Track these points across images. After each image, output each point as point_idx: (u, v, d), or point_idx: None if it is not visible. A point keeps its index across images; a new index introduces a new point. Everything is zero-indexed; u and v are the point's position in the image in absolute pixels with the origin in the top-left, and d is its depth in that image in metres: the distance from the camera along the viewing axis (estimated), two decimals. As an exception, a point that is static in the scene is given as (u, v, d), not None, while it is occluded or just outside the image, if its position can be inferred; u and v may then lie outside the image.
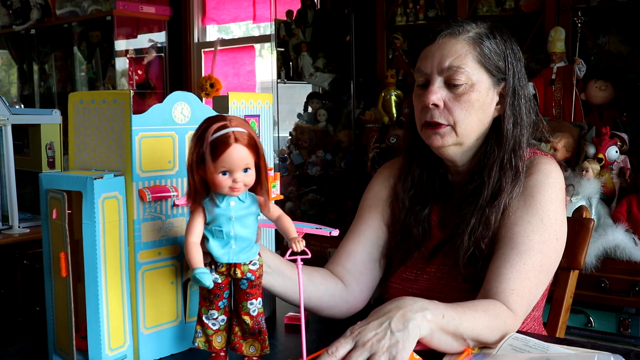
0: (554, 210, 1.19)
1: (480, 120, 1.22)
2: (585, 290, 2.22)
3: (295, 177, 3.77)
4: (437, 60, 1.21)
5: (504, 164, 1.21)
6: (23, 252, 2.39)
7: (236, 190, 0.93)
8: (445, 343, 0.99)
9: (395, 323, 0.93)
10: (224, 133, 0.90)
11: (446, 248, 1.27)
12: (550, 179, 1.21)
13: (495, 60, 1.22)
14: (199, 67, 4.62)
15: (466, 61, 1.20)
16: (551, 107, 2.80)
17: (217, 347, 1.00)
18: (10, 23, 5.24)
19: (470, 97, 1.20)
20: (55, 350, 1.04)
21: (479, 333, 1.02)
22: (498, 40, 1.23)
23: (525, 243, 1.15)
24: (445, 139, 1.21)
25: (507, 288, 1.12)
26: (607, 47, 2.83)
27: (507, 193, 1.20)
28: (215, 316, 1.00)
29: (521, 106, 1.23)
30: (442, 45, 1.21)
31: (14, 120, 2.35)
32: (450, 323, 0.98)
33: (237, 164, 0.91)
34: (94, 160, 1.04)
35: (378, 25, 3.31)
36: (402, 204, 1.32)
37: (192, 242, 0.94)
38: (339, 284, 1.29)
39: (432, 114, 1.21)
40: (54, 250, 1.01)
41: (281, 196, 1.25)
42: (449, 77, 1.20)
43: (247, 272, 0.97)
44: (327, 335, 1.17)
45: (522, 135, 1.23)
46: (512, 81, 1.23)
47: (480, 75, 1.21)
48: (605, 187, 2.36)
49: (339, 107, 3.68)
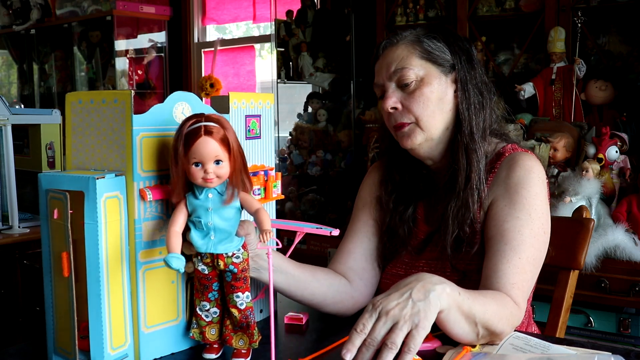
0: (540, 204, 1.23)
1: (441, 110, 1.27)
2: (585, 290, 2.22)
3: (295, 177, 3.77)
4: (385, 69, 1.28)
5: (468, 147, 1.26)
6: (23, 252, 2.39)
7: (209, 181, 0.98)
8: (459, 324, 1.02)
9: (416, 293, 0.96)
10: (196, 126, 0.97)
11: (433, 242, 1.31)
12: (532, 174, 1.24)
13: (438, 52, 1.27)
14: (199, 67, 4.62)
15: (410, 60, 1.26)
16: (551, 107, 2.80)
17: (211, 339, 1.06)
18: (10, 23, 5.24)
19: (422, 91, 1.25)
20: (56, 350, 1.04)
21: (489, 319, 1.04)
22: (437, 36, 1.29)
23: (517, 238, 1.19)
24: (413, 138, 1.26)
25: (508, 282, 1.15)
26: (607, 47, 2.84)
27: (476, 174, 1.24)
28: (207, 308, 1.05)
29: (473, 89, 1.28)
30: (386, 56, 1.29)
31: (14, 120, 2.36)
32: (464, 302, 1.01)
33: (207, 155, 0.96)
34: (92, 160, 1.04)
35: (378, 25, 3.31)
36: (386, 206, 1.36)
37: (172, 231, 0.99)
38: (343, 280, 1.32)
39: (395, 117, 1.27)
40: (54, 250, 1.01)
41: (282, 196, 1.25)
42: (399, 80, 1.26)
43: (230, 264, 1.02)
44: (327, 335, 1.17)
45: (479, 117, 1.27)
46: (460, 65, 1.28)
47: (427, 68, 1.26)
48: (605, 187, 2.36)
49: (339, 107, 3.68)
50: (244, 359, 1.03)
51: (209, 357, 1.06)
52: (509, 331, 1.10)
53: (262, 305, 1.26)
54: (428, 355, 1.04)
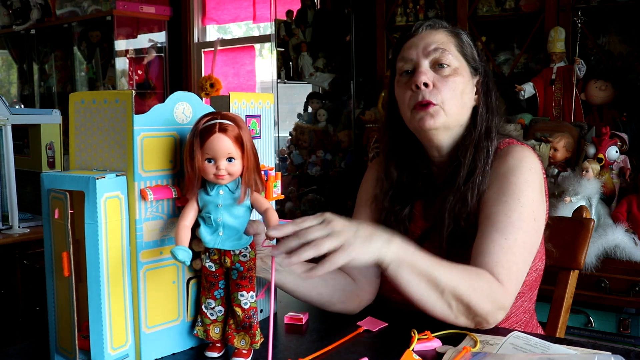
0: (530, 191, 1.23)
1: (464, 105, 1.29)
2: (585, 290, 2.22)
3: (295, 177, 3.77)
4: (422, 47, 1.28)
5: (478, 145, 1.28)
6: (23, 252, 2.39)
7: (220, 177, 0.99)
8: (418, 286, 1.05)
9: (362, 230, 1.01)
10: (211, 123, 0.98)
11: (430, 238, 1.32)
12: (523, 163, 1.25)
13: (472, 51, 1.32)
14: (199, 67, 4.62)
15: (450, 47, 1.29)
16: (551, 107, 2.80)
17: (214, 337, 1.06)
18: (10, 23, 5.24)
19: (455, 79, 1.27)
20: (57, 350, 1.04)
21: (457, 286, 1.07)
22: (469, 37, 1.35)
23: (503, 220, 1.19)
24: (436, 119, 1.26)
25: (492, 261, 1.15)
26: (607, 47, 2.84)
27: (480, 171, 1.26)
28: (212, 306, 1.06)
29: (493, 97, 1.33)
30: (425, 36, 1.30)
31: (14, 120, 2.36)
32: (420, 262, 1.04)
33: (220, 151, 0.98)
34: (95, 160, 1.04)
35: (378, 25, 3.31)
36: (382, 205, 1.37)
37: (182, 225, 1.01)
38: (348, 278, 1.33)
39: (423, 95, 1.26)
40: (56, 250, 1.02)
41: (282, 196, 1.25)
42: (436, 59, 1.27)
43: (237, 262, 1.03)
44: (327, 335, 1.17)
45: (493, 120, 1.31)
46: (485, 73, 1.33)
47: (461, 62, 1.29)
48: (605, 187, 2.36)
49: (339, 107, 3.68)
50: (244, 358, 1.04)
51: (211, 355, 1.06)
52: (490, 308, 1.10)
53: (262, 305, 1.26)
54: (428, 355, 1.04)
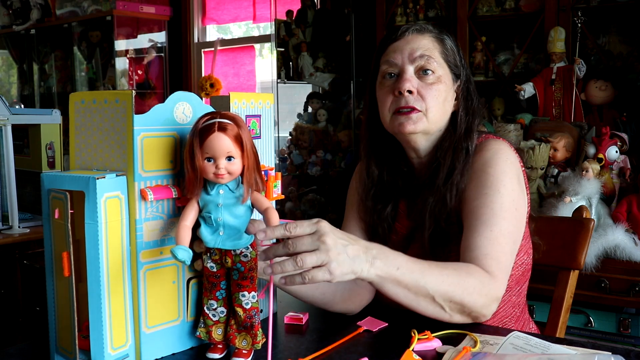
0: (508, 181, 1.24)
1: (445, 112, 1.31)
2: (585, 290, 2.23)
3: (295, 177, 3.77)
4: (408, 52, 1.29)
5: (457, 147, 1.30)
6: (23, 252, 2.39)
7: (220, 176, 0.99)
8: (405, 296, 1.05)
9: (351, 249, 0.99)
10: (210, 122, 0.98)
11: (415, 238, 1.33)
12: (499, 155, 1.27)
13: (455, 58, 1.33)
14: (199, 67, 4.62)
15: (434, 54, 1.29)
16: (551, 107, 2.80)
17: (217, 339, 1.06)
18: (10, 23, 5.24)
19: (439, 87, 1.28)
20: (57, 350, 1.04)
21: (447, 289, 1.07)
22: (453, 41, 1.35)
23: (487, 212, 1.20)
24: (417, 124, 1.28)
25: (480, 254, 1.16)
26: (607, 47, 2.84)
27: (459, 171, 1.28)
28: (214, 307, 1.06)
29: (474, 100, 1.34)
30: (411, 40, 1.30)
31: (14, 120, 2.35)
32: (405, 276, 1.04)
33: (219, 150, 0.97)
34: (95, 160, 1.04)
35: (378, 25, 3.31)
36: (365, 204, 1.38)
37: (182, 225, 1.01)
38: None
39: (406, 100, 1.27)
40: (56, 249, 1.02)
41: (282, 196, 1.25)
42: (421, 66, 1.28)
43: (238, 262, 1.03)
44: (327, 335, 1.17)
45: (473, 122, 1.33)
46: (466, 78, 1.34)
47: (444, 70, 1.30)
48: (605, 187, 2.36)
49: (339, 107, 3.68)
50: (244, 359, 1.04)
51: (213, 356, 1.06)
52: (483, 302, 1.11)
53: (262, 305, 1.26)
54: (428, 356, 1.04)
